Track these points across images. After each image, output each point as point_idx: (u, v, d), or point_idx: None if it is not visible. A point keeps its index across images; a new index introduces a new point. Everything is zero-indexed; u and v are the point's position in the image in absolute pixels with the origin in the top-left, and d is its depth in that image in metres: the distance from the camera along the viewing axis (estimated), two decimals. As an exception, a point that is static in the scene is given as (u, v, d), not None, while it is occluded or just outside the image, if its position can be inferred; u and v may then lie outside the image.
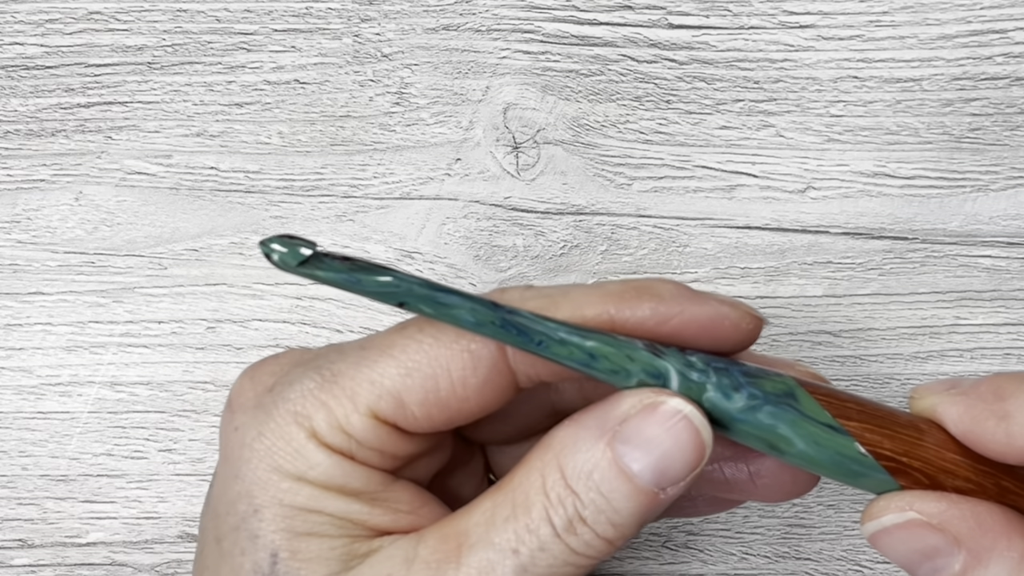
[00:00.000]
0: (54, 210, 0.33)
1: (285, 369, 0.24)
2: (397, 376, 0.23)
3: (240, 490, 0.23)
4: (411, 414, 0.23)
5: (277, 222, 0.33)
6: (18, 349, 0.34)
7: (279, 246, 0.22)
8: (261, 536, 0.23)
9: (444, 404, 0.23)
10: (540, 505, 0.22)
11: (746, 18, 0.32)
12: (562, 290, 0.24)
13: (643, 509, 0.22)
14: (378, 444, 0.23)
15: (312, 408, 0.23)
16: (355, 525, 0.23)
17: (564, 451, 0.22)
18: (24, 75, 0.33)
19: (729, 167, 0.33)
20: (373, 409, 0.23)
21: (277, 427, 0.23)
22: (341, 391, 0.23)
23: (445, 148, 0.33)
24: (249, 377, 0.25)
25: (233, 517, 0.23)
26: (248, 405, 0.24)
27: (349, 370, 0.23)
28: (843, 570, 0.34)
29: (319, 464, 0.23)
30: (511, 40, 0.32)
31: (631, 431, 0.22)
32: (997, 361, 0.33)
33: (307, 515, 0.23)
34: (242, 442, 0.24)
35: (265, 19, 0.33)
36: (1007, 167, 0.32)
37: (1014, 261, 0.33)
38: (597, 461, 0.22)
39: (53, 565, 0.34)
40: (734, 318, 0.23)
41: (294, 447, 0.23)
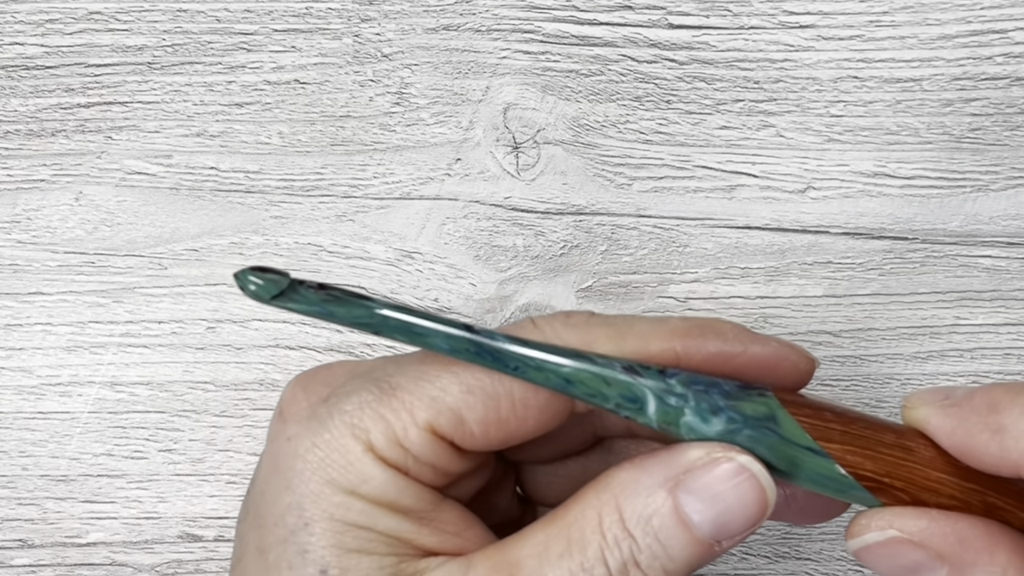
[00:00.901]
0: (54, 210, 0.33)
1: (340, 380, 0.24)
2: (459, 393, 0.23)
3: (291, 502, 0.23)
4: (469, 432, 0.23)
5: (277, 222, 0.33)
6: (18, 349, 0.34)
7: (255, 278, 0.22)
8: (311, 551, 0.23)
9: (503, 424, 0.23)
10: (596, 545, 0.22)
11: (746, 18, 0.32)
12: (628, 322, 0.24)
13: (697, 559, 0.22)
14: (433, 460, 0.23)
15: (370, 421, 0.23)
16: (404, 544, 0.23)
17: (624, 493, 0.22)
18: (24, 75, 0.33)
19: (729, 167, 0.33)
20: (432, 424, 0.23)
21: (332, 439, 0.23)
22: (400, 404, 0.23)
23: (445, 148, 0.33)
24: (302, 387, 0.25)
25: (282, 529, 0.23)
26: (302, 415, 0.24)
27: (409, 384, 0.23)
28: (843, 570, 0.34)
29: (373, 478, 0.23)
30: (511, 40, 0.32)
31: (696, 482, 0.22)
32: (997, 361, 0.33)
33: (358, 531, 0.23)
34: (295, 453, 0.23)
35: (265, 19, 0.33)
36: (1007, 167, 0.32)
37: (1014, 261, 0.33)
38: (658, 507, 0.22)
39: (53, 565, 0.34)
40: (793, 360, 0.24)
41: (349, 460, 0.23)
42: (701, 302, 0.33)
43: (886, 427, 0.24)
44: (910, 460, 0.23)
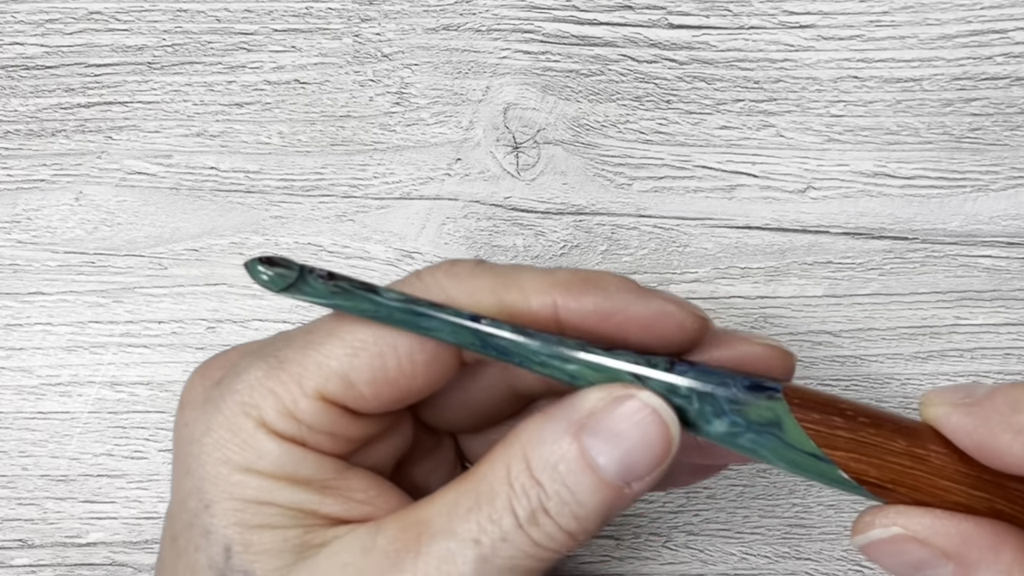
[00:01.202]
0: (54, 210, 0.33)
1: (234, 361, 0.24)
2: (344, 356, 0.23)
3: (191, 487, 0.23)
4: (360, 394, 0.23)
5: (277, 222, 0.33)
6: (18, 349, 0.34)
7: (265, 269, 0.22)
8: (214, 531, 0.23)
9: (393, 382, 0.23)
10: (504, 495, 0.22)
11: (746, 18, 0.32)
12: (512, 271, 0.24)
13: (607, 503, 0.22)
14: (329, 427, 0.23)
15: (260, 396, 0.23)
16: (308, 515, 0.23)
17: (531, 442, 0.22)
18: (24, 75, 0.33)
19: (729, 167, 0.33)
20: (321, 391, 0.23)
21: (225, 420, 0.23)
22: (288, 376, 0.23)
23: (445, 148, 0.33)
24: (200, 374, 0.25)
25: (186, 514, 0.23)
26: (197, 401, 0.24)
27: (296, 355, 0.23)
28: (843, 570, 0.34)
29: (269, 453, 0.23)
30: (511, 40, 0.32)
31: (598, 424, 0.22)
32: (997, 361, 0.33)
33: (258, 507, 0.23)
34: (191, 438, 0.23)
35: (265, 19, 0.33)
36: (1007, 167, 0.32)
37: (1014, 261, 0.33)
38: (563, 453, 0.22)
39: (53, 565, 0.34)
40: (679, 318, 0.23)
41: (242, 438, 0.23)
42: (701, 302, 0.33)
43: (899, 430, 0.23)
44: (918, 468, 0.23)
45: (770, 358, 0.25)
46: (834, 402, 0.23)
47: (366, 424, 0.24)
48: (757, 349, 0.25)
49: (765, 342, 0.25)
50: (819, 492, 0.34)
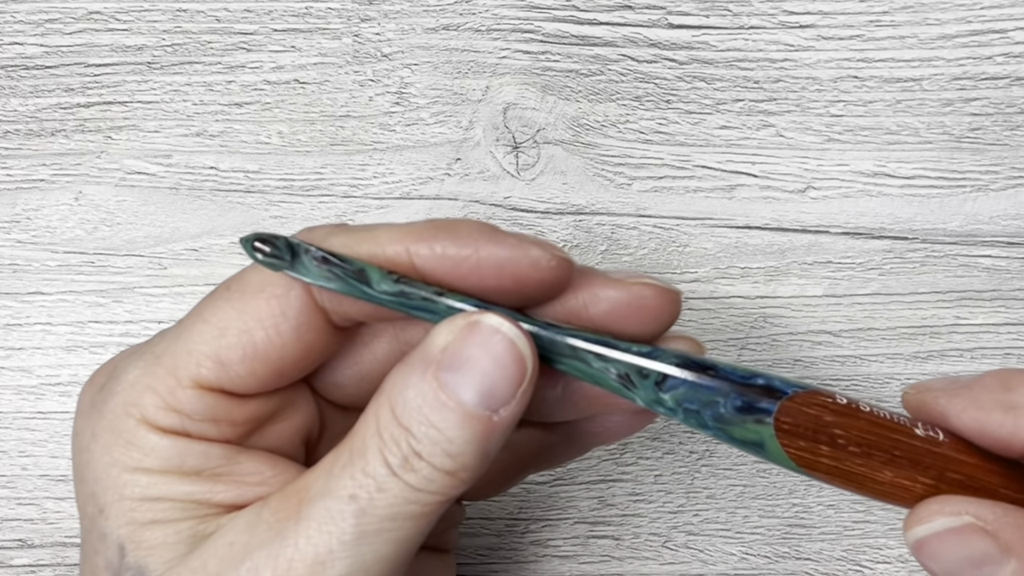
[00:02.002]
0: (54, 210, 0.33)
1: (115, 364, 0.24)
2: (212, 338, 0.23)
3: (86, 492, 0.23)
4: (235, 374, 0.23)
5: (277, 222, 0.33)
6: (18, 349, 0.34)
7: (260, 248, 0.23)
8: (108, 533, 0.23)
9: (264, 357, 0.23)
10: (375, 447, 0.22)
11: (746, 18, 0.32)
12: (369, 227, 0.23)
13: (479, 435, 0.22)
14: (210, 414, 0.23)
15: (139, 394, 0.23)
16: (200, 505, 0.23)
17: (393, 390, 0.22)
18: (24, 75, 0.33)
19: (729, 167, 0.33)
20: (195, 379, 0.23)
21: (108, 423, 0.23)
22: (164, 370, 0.23)
23: (445, 148, 0.33)
24: (88, 382, 0.25)
25: (85, 521, 0.23)
26: (84, 409, 0.24)
27: (169, 347, 0.23)
28: (843, 570, 0.34)
29: (153, 449, 0.23)
30: (511, 40, 0.32)
31: (451, 357, 0.22)
32: (997, 361, 0.33)
33: (149, 504, 0.23)
34: (81, 447, 0.24)
35: (265, 19, 0.33)
36: (1007, 167, 0.32)
37: (1014, 261, 0.33)
38: (424, 393, 0.22)
39: (53, 565, 0.34)
40: (533, 256, 0.23)
41: (126, 438, 0.23)
42: (701, 302, 0.33)
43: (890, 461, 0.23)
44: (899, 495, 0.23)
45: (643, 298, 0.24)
46: (830, 426, 0.23)
47: (252, 406, 0.24)
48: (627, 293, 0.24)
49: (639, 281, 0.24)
50: (819, 492, 0.34)
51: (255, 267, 0.23)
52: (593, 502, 0.34)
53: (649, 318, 0.24)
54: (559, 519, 0.34)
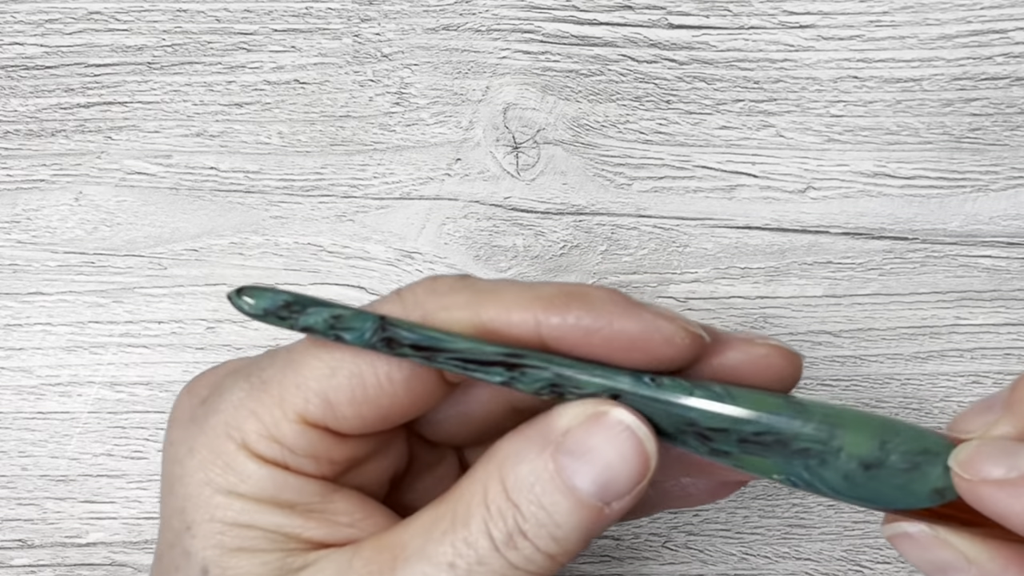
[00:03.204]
0: (54, 210, 0.33)
1: (219, 379, 0.24)
2: (323, 376, 0.22)
3: (174, 506, 0.23)
4: (341, 415, 0.22)
5: (277, 222, 0.33)
6: (18, 349, 0.34)
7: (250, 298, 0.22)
8: (193, 553, 0.22)
9: (373, 402, 0.23)
10: (480, 518, 0.22)
11: (746, 18, 0.32)
12: (494, 287, 0.23)
13: (586, 524, 0.22)
14: (311, 450, 0.23)
15: (242, 418, 0.23)
16: (289, 539, 0.23)
17: (506, 463, 0.22)
18: (24, 75, 0.33)
19: (729, 167, 0.33)
20: (301, 413, 0.22)
21: (208, 441, 0.23)
22: (270, 398, 0.23)
23: (445, 148, 0.33)
24: (187, 391, 0.25)
25: (169, 534, 0.23)
26: (183, 420, 0.24)
27: (277, 375, 0.23)
28: (843, 570, 0.34)
29: (251, 476, 0.22)
30: (511, 40, 0.32)
31: (574, 443, 0.22)
32: (997, 361, 0.33)
33: (239, 530, 0.22)
34: (175, 458, 0.23)
35: (265, 19, 0.33)
36: (1007, 167, 0.32)
37: (1014, 261, 0.33)
38: (539, 473, 0.21)
39: (53, 565, 0.34)
40: (667, 333, 0.22)
41: (224, 460, 0.23)
42: (701, 302, 0.33)
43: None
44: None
45: (771, 359, 0.24)
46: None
47: (352, 445, 0.23)
48: (760, 351, 0.24)
49: (768, 343, 0.24)
50: (819, 492, 0.34)
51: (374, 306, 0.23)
52: (593, 502, 0.34)
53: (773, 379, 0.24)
54: (559, 519, 0.34)
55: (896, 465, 0.22)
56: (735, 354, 0.24)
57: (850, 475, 0.22)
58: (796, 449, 0.22)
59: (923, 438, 0.22)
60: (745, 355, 0.24)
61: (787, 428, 0.22)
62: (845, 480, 0.22)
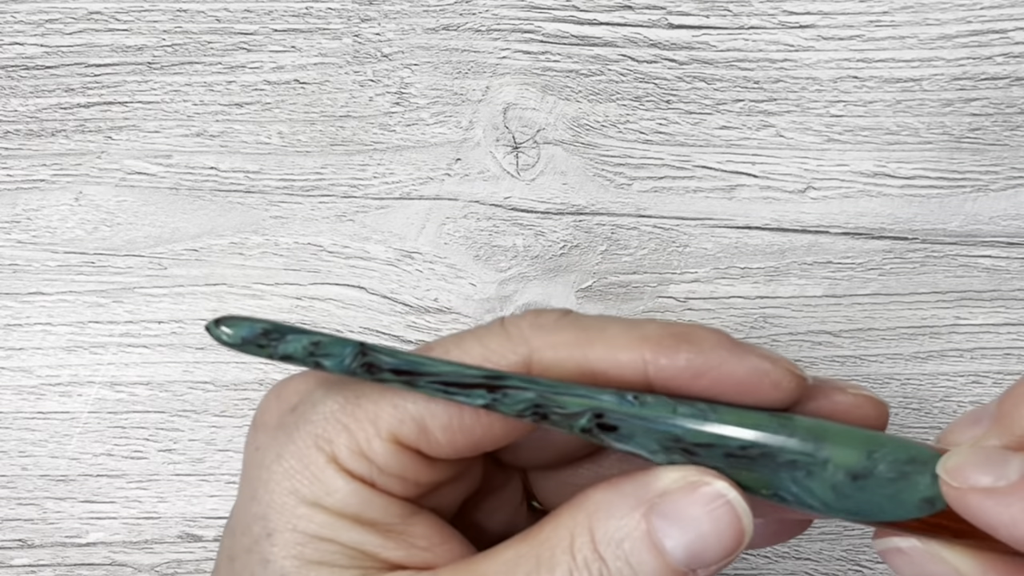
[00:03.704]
0: (54, 210, 0.33)
1: (311, 388, 0.24)
2: (422, 400, 0.22)
3: (256, 512, 0.23)
4: (435, 440, 0.23)
5: (277, 222, 0.33)
6: (18, 349, 0.34)
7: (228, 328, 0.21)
8: (272, 561, 0.22)
9: (468, 430, 0.23)
10: (565, 566, 0.22)
11: (746, 18, 0.32)
12: (599, 325, 0.23)
13: None
14: (400, 471, 0.23)
15: (334, 432, 0.23)
16: (368, 557, 0.23)
17: (597, 514, 0.22)
18: (24, 75, 0.33)
19: (729, 167, 0.33)
20: (395, 434, 0.22)
21: (297, 450, 0.23)
22: (364, 414, 0.23)
23: (445, 148, 0.33)
24: (275, 395, 0.25)
25: (247, 538, 0.23)
26: (270, 425, 0.24)
27: (372, 393, 0.23)
28: (843, 570, 0.34)
29: (338, 490, 0.22)
30: (511, 40, 0.32)
31: (670, 507, 0.22)
32: (997, 361, 0.33)
33: (320, 543, 0.22)
34: (261, 463, 0.23)
35: (265, 19, 0.33)
36: (1007, 167, 0.32)
37: (1014, 261, 0.33)
38: (630, 531, 0.21)
39: (53, 565, 0.34)
40: (774, 377, 0.22)
41: (313, 472, 0.23)
42: (701, 302, 0.33)
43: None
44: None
45: (862, 407, 0.24)
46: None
47: (438, 469, 0.23)
48: (849, 399, 0.24)
49: (859, 392, 0.24)
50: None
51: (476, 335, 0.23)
52: (593, 502, 0.34)
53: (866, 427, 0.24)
54: (559, 519, 0.34)
55: (884, 475, 0.22)
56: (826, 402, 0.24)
57: (838, 487, 0.22)
58: (783, 462, 0.22)
59: (910, 448, 0.22)
60: (837, 403, 0.24)
61: (772, 441, 0.22)
62: (834, 492, 0.22)
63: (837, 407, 0.24)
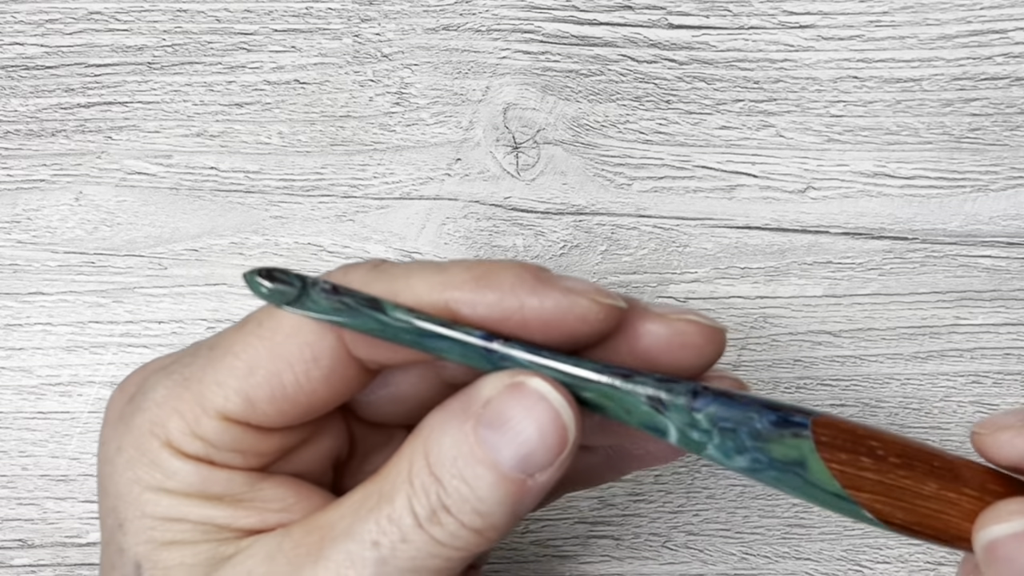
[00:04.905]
0: (54, 210, 0.33)
1: (146, 377, 0.24)
2: (240, 375, 0.22)
3: (107, 505, 0.23)
4: (262, 411, 0.23)
5: (277, 222, 0.33)
6: (18, 349, 0.34)
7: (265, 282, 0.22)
8: (126, 549, 0.23)
9: (292, 399, 0.23)
10: (404, 494, 0.21)
11: (746, 18, 0.32)
12: (406, 272, 0.22)
13: (511, 498, 0.21)
14: (235, 445, 0.23)
15: (165, 416, 0.23)
16: (220, 529, 0.23)
17: (431, 437, 0.22)
18: (24, 75, 0.33)
19: (729, 167, 0.33)
20: (221, 411, 0.22)
21: (134, 439, 0.23)
22: (191, 396, 0.23)
23: (445, 148, 0.33)
24: (119, 389, 0.25)
25: (104, 532, 0.23)
26: (112, 419, 0.24)
27: (197, 372, 0.23)
28: (843, 570, 0.34)
29: (177, 472, 0.23)
30: (511, 40, 0.32)
31: (493, 414, 0.21)
32: (997, 361, 0.33)
33: (169, 524, 0.23)
34: (106, 457, 0.23)
35: (265, 19, 0.33)
36: (1007, 167, 0.32)
37: (1014, 261, 0.33)
38: (460, 446, 0.21)
39: (53, 565, 0.34)
40: (579, 310, 0.22)
41: (150, 458, 0.23)
42: (701, 302, 0.33)
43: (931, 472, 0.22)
44: (947, 512, 0.22)
45: (686, 335, 0.23)
46: (866, 439, 0.22)
47: (278, 437, 0.23)
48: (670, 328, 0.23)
49: (682, 317, 0.23)
50: (819, 492, 0.34)
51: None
52: (593, 502, 0.34)
53: (693, 354, 0.23)
54: (559, 519, 0.34)
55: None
56: (653, 328, 0.23)
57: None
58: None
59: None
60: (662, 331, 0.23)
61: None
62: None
63: (654, 342, 0.23)
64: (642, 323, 0.23)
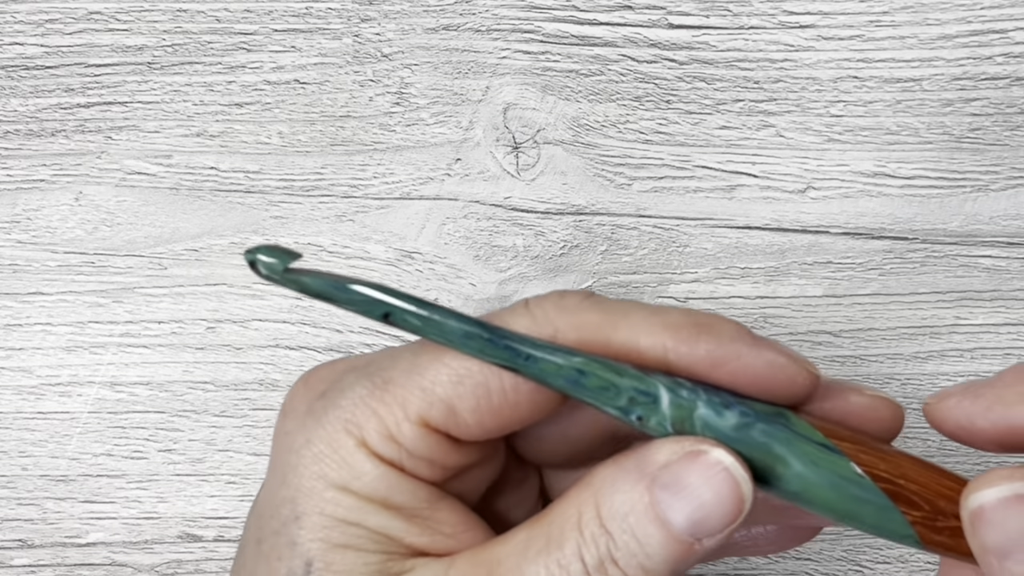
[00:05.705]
0: (54, 210, 0.33)
1: (339, 375, 0.24)
2: (449, 383, 0.23)
3: (285, 495, 0.23)
4: (463, 421, 0.23)
5: (277, 222, 0.33)
6: (18, 349, 0.34)
7: (264, 256, 0.22)
8: (299, 544, 0.23)
9: (496, 411, 0.23)
10: (574, 541, 0.22)
11: (746, 18, 0.32)
12: (622, 309, 0.23)
13: (676, 557, 0.22)
14: (428, 453, 0.23)
15: (363, 416, 0.23)
16: (393, 542, 0.23)
17: (602, 490, 0.22)
18: (24, 75, 0.33)
19: (729, 167, 0.33)
20: (424, 417, 0.23)
21: (326, 434, 0.23)
22: (392, 398, 0.23)
23: (445, 148, 0.33)
24: (304, 382, 0.25)
25: (275, 521, 0.23)
26: (299, 411, 0.24)
27: (401, 377, 0.23)
28: (843, 570, 0.34)
29: (366, 474, 0.23)
30: (511, 40, 0.32)
31: (670, 478, 0.22)
32: (997, 361, 0.33)
33: (347, 527, 0.23)
34: (290, 448, 0.23)
35: (265, 19, 0.33)
36: (1007, 167, 0.32)
37: (1014, 261, 0.33)
38: (634, 504, 0.22)
39: (53, 565, 0.34)
40: (790, 372, 0.23)
41: (342, 455, 0.23)
42: (701, 302, 0.33)
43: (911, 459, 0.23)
44: (919, 466, 0.23)
45: (878, 409, 0.24)
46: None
47: (465, 452, 0.24)
48: (865, 400, 0.24)
49: (874, 394, 0.25)
50: (819, 492, 0.34)
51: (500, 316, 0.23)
52: (593, 502, 0.34)
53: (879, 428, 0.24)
54: (559, 519, 0.34)
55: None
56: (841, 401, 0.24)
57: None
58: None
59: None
60: (851, 404, 0.24)
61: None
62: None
63: (851, 408, 0.24)
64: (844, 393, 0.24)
